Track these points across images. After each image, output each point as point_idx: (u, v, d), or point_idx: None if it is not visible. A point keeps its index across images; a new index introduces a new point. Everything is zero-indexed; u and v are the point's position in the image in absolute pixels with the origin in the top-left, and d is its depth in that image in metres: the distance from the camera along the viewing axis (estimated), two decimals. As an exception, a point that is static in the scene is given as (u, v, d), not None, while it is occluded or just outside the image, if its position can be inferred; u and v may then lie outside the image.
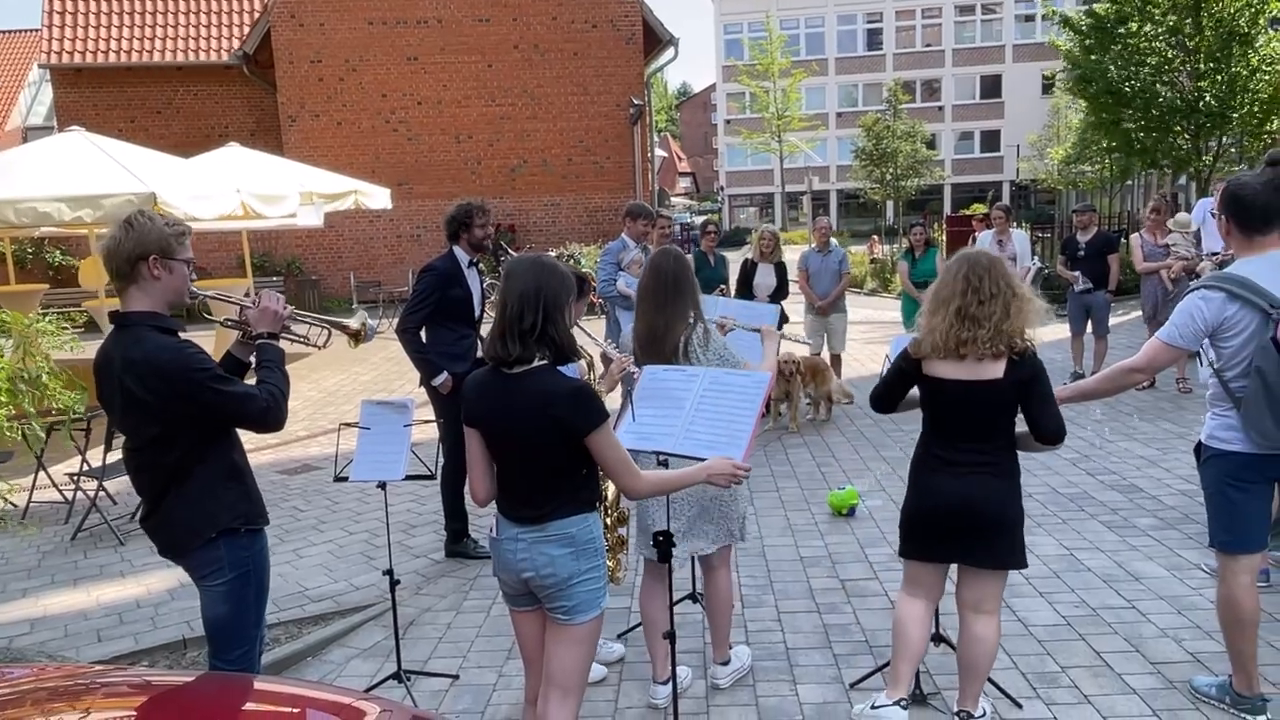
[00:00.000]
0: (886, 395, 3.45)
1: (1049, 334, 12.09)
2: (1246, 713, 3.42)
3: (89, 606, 5.07)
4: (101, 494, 6.26)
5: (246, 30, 20.76)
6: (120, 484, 6.68)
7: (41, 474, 6.45)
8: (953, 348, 3.13)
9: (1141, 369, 3.40)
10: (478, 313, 5.41)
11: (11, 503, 6.46)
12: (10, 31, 36.99)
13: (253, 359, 3.07)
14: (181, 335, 2.92)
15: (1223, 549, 3.43)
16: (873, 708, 3.39)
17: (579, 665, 2.78)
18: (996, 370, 3.12)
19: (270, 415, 2.86)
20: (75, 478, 6.27)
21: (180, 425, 2.78)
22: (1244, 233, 3.31)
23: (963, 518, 3.21)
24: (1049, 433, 3.20)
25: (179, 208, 8.11)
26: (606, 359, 3.75)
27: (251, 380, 2.99)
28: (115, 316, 2.86)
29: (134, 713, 2.16)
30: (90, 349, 7.13)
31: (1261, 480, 3.35)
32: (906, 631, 3.38)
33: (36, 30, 22.62)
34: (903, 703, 3.36)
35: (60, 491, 6.51)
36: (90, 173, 8.28)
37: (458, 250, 5.29)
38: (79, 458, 6.28)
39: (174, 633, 4.67)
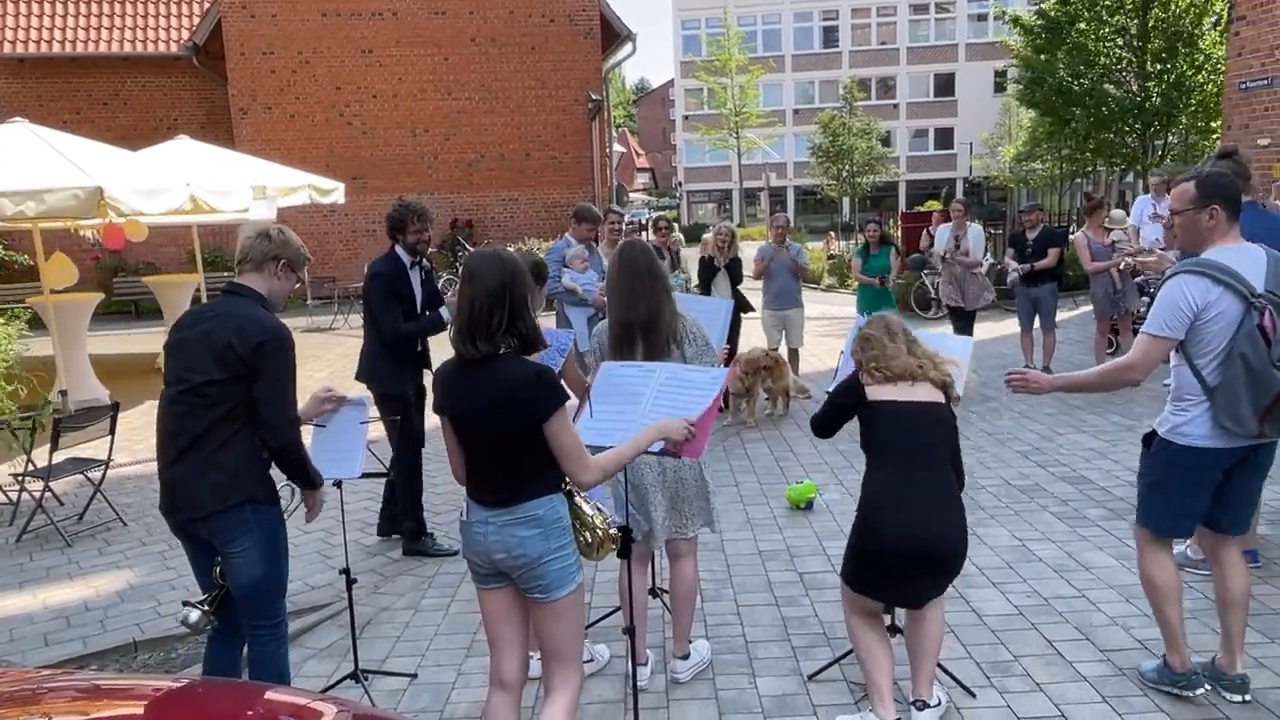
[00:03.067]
0: (828, 420, 3.58)
1: (999, 329, 12.36)
2: (1183, 688, 3.51)
3: (35, 610, 4.96)
4: (48, 495, 6.12)
5: (196, 20, 20.37)
6: (67, 484, 6.55)
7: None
8: (903, 373, 3.30)
9: (1136, 366, 3.36)
10: (420, 311, 5.32)
11: (-47, 504, 6.31)
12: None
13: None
14: None
15: (1155, 532, 3.51)
16: None
17: (567, 636, 2.84)
18: (939, 396, 3.33)
19: (289, 446, 3.18)
20: (20, 478, 6.12)
21: (240, 384, 3.05)
22: (1231, 220, 3.32)
23: (929, 558, 3.25)
24: (959, 475, 3.41)
25: (126, 202, 7.93)
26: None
27: None
28: (230, 285, 3.27)
29: (83, 718, 2.12)
30: (39, 347, 7.01)
31: (1214, 478, 3.38)
32: (873, 651, 3.39)
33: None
34: None
35: (4, 492, 6.36)
36: (34, 166, 8.06)
37: (399, 249, 5.23)
38: (24, 458, 6.14)
39: (124, 635, 4.59)
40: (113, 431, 6.39)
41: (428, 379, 5.47)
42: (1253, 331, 3.15)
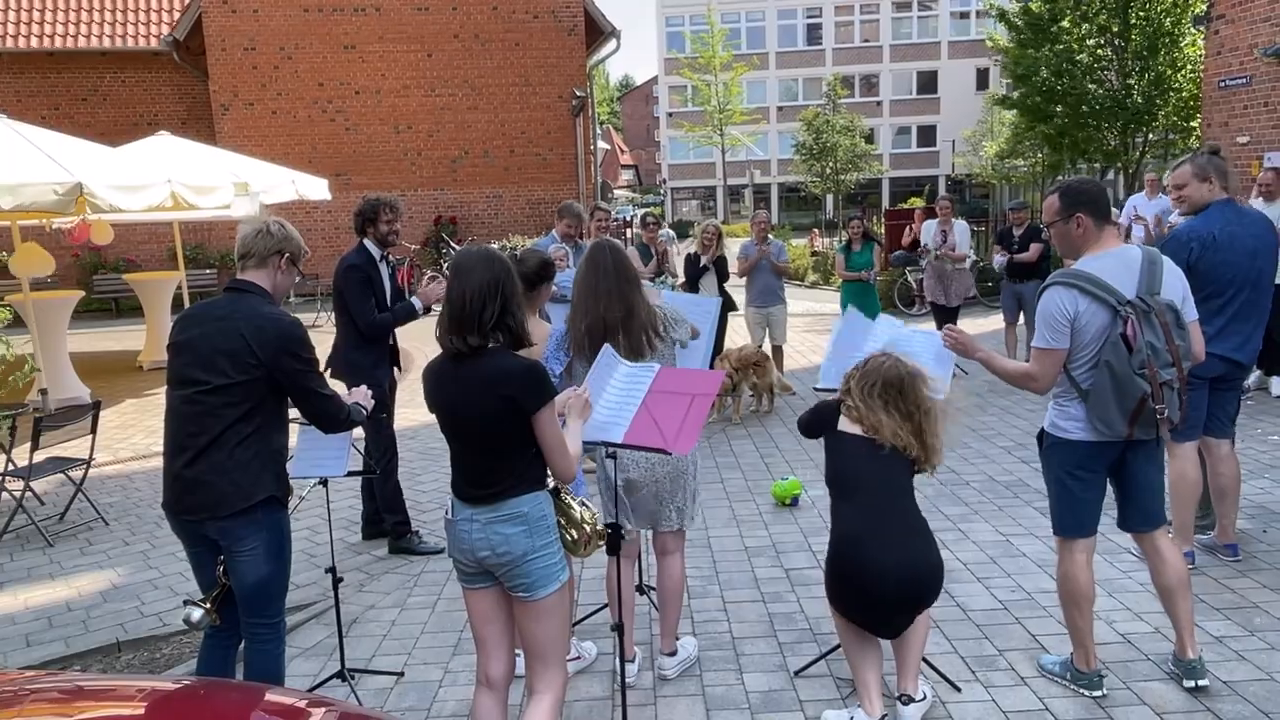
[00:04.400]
0: (810, 429, 3.59)
1: (982, 325, 12.43)
2: (1084, 687, 3.58)
3: (16, 610, 4.92)
4: (28, 494, 6.07)
5: (177, 15, 20.22)
6: (48, 484, 6.50)
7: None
8: (886, 434, 3.31)
9: (1035, 376, 3.45)
10: (389, 304, 5.32)
11: (-69, 504, 6.25)
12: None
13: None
14: None
15: (1062, 534, 3.59)
16: None
17: (551, 636, 2.83)
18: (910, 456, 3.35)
19: (340, 419, 3.32)
20: (0, 478, 6.07)
21: (258, 385, 3.06)
22: (1099, 226, 3.40)
23: (914, 597, 3.29)
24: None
25: (105, 199, 7.86)
26: None
27: None
28: (234, 282, 3.23)
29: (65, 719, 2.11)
30: (18, 345, 6.95)
31: (1099, 470, 3.50)
32: (860, 649, 3.41)
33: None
34: (886, 719, 3.37)
35: (-17, 492, 6.30)
36: (11, 160, 7.98)
37: (368, 243, 5.23)
38: (2, 457, 6.08)
39: (107, 635, 4.56)
40: (94, 430, 6.35)
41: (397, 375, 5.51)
42: (1116, 340, 3.25)
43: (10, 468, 6.03)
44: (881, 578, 3.21)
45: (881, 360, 3.39)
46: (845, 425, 3.36)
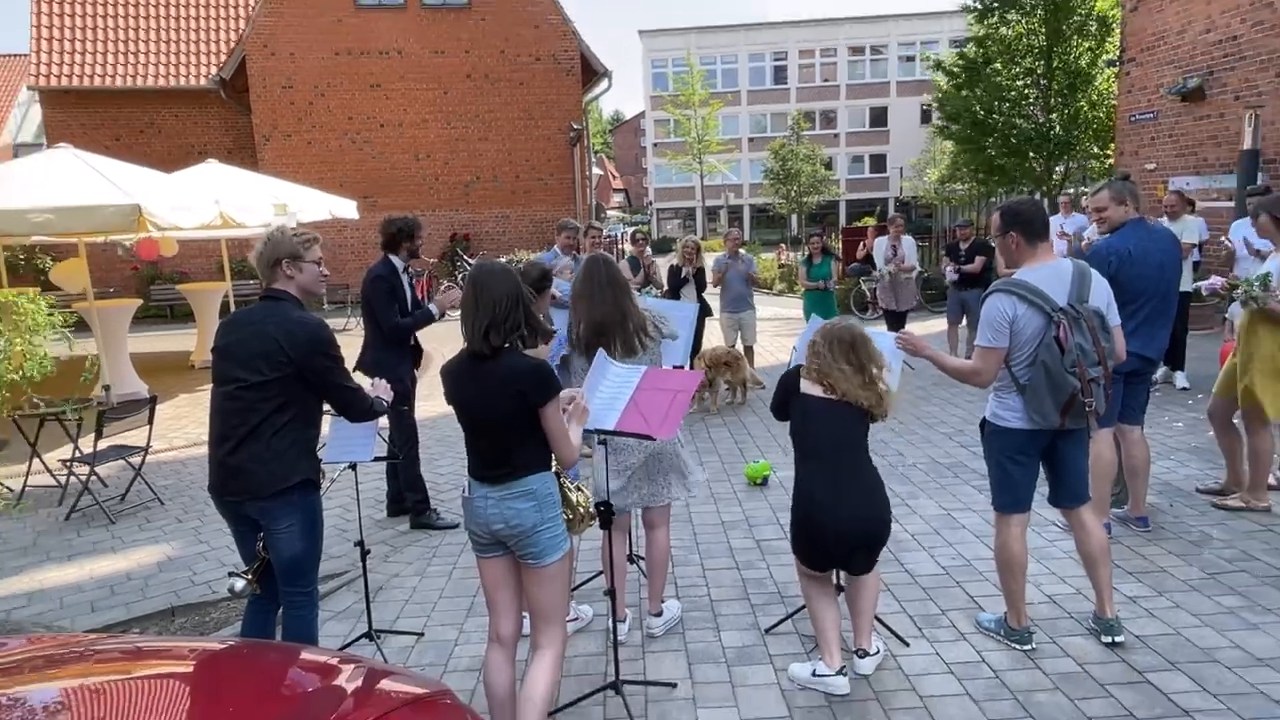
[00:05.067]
0: (780, 405, 3.51)
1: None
2: (1016, 642, 3.61)
3: (82, 580, 4.89)
4: (93, 478, 6.03)
5: (223, 57, 20.09)
6: (110, 468, 6.45)
7: (36, 460, 6.20)
8: (843, 390, 3.27)
9: (979, 372, 3.46)
10: (410, 310, 5.29)
11: (7, 487, 6.21)
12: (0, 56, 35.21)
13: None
14: None
15: (999, 509, 3.61)
16: (815, 675, 3.39)
17: (555, 598, 2.84)
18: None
19: (364, 409, 3.31)
20: (69, 464, 6.03)
21: (291, 381, 3.04)
22: (1030, 243, 3.42)
23: (867, 540, 3.30)
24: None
25: (162, 217, 7.80)
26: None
27: None
28: (268, 291, 3.19)
29: (126, 676, 2.09)
30: (81, 347, 6.88)
31: (1033, 454, 3.51)
32: (824, 611, 3.42)
33: (25, 55, 21.52)
34: (844, 671, 3.37)
35: (54, 476, 6.26)
36: (78, 186, 7.92)
37: (394, 257, 5.21)
38: (70, 445, 6.04)
39: (163, 602, 4.54)
40: (151, 421, 6.30)
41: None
42: (1050, 342, 3.28)
43: (78, 454, 6.00)
44: (838, 521, 3.24)
45: (838, 323, 3.42)
46: (806, 387, 3.34)
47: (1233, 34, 11.26)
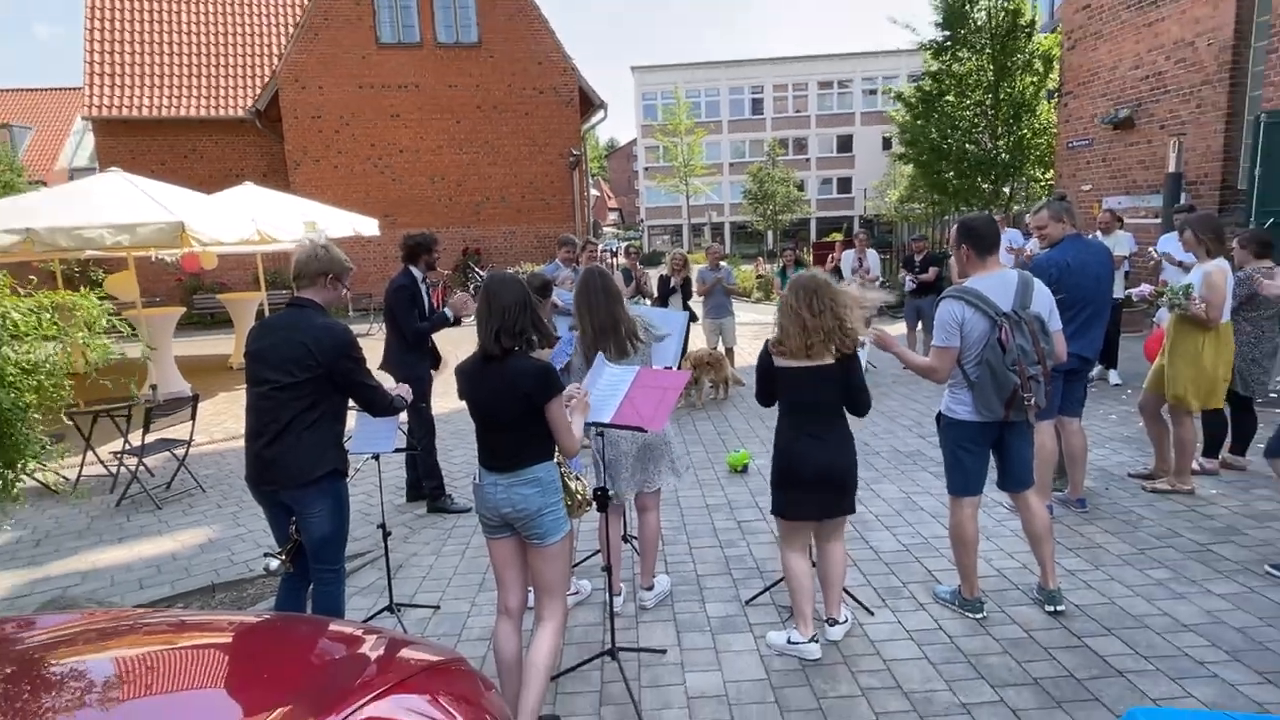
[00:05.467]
0: (763, 391, 3.45)
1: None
2: (969, 611, 3.63)
3: (131, 560, 4.86)
4: (141, 468, 6.00)
5: (258, 91, 20.00)
6: (157, 460, 6.41)
7: (90, 453, 6.16)
8: (803, 349, 3.21)
9: (936, 369, 3.46)
10: (427, 316, 5.26)
11: (64, 476, 6.17)
12: (57, 89, 35.03)
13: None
14: None
15: (953, 493, 3.61)
16: (790, 642, 3.38)
17: (556, 574, 2.84)
18: (829, 359, 3.23)
19: (385, 405, 3.31)
20: (119, 455, 6.00)
21: (320, 381, 3.02)
22: (979, 256, 3.43)
23: (828, 476, 3.28)
24: (862, 408, 3.32)
25: (204, 233, 7.77)
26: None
27: None
28: (295, 299, 3.17)
29: (171, 646, 2.07)
30: (131, 351, 6.84)
31: (983, 444, 3.51)
32: (801, 584, 3.40)
33: (79, 88, 21.39)
34: (815, 638, 3.38)
35: (106, 467, 6.23)
36: (128, 206, 7.88)
37: (414, 269, 5.18)
38: (121, 439, 6.01)
39: (204, 580, 4.52)
40: (193, 417, 6.28)
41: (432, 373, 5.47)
42: (994, 343, 3.29)
43: (128, 447, 5.97)
44: (816, 466, 3.26)
45: (802, 274, 3.39)
46: (780, 363, 3.30)
47: (1158, 70, 11.33)
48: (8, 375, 3.08)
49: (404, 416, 4.15)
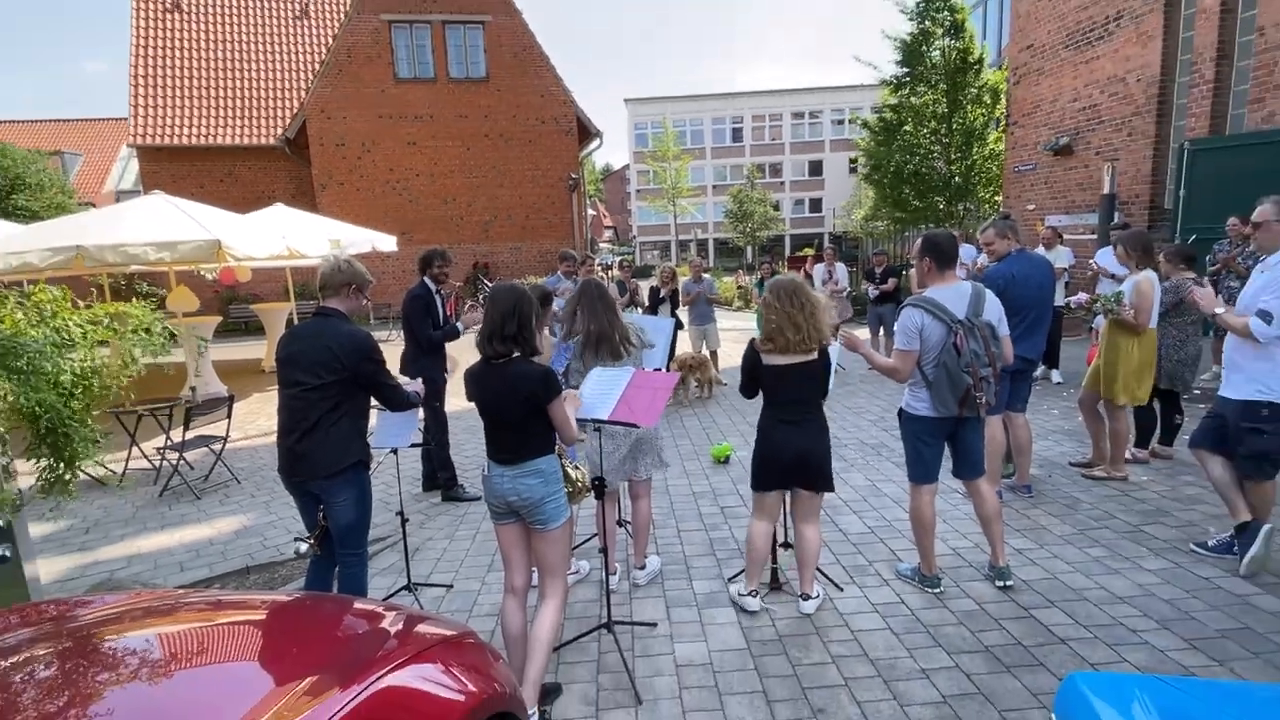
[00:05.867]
0: (748, 385, 3.46)
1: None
2: (928, 586, 3.65)
3: (173, 545, 4.83)
4: (182, 462, 5.96)
5: (287, 121, 19.93)
6: (196, 455, 6.36)
7: (135, 449, 6.11)
8: (787, 347, 3.23)
9: (898, 369, 3.46)
10: (441, 324, 5.25)
11: (111, 470, 6.12)
12: (104, 119, 34.80)
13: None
14: None
15: (913, 481, 3.62)
16: (739, 593, 3.51)
17: (558, 556, 2.82)
18: (812, 355, 3.26)
19: (404, 402, 3.30)
20: (162, 450, 5.96)
21: (345, 383, 3.02)
22: (939, 268, 3.44)
23: (801, 458, 3.31)
24: (826, 395, 3.38)
25: (238, 249, 7.72)
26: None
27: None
28: (320, 308, 3.15)
29: (210, 623, 2.06)
30: (174, 356, 6.79)
31: (939, 437, 3.52)
32: (756, 544, 3.48)
33: (124, 119, 21.25)
34: (755, 592, 3.48)
35: (150, 461, 6.19)
36: (169, 225, 7.84)
37: (427, 280, 5.17)
38: (163, 435, 5.96)
39: (239, 562, 4.49)
40: (229, 416, 6.24)
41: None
42: (950, 347, 3.31)
43: (169, 443, 5.93)
44: (788, 448, 3.30)
45: (781, 277, 3.40)
46: (767, 360, 3.31)
47: (1094, 103, 11.42)
48: (64, 383, 3.06)
49: (421, 414, 4.14)
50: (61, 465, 3.52)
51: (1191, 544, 3.97)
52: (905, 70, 17.03)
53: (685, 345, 9.26)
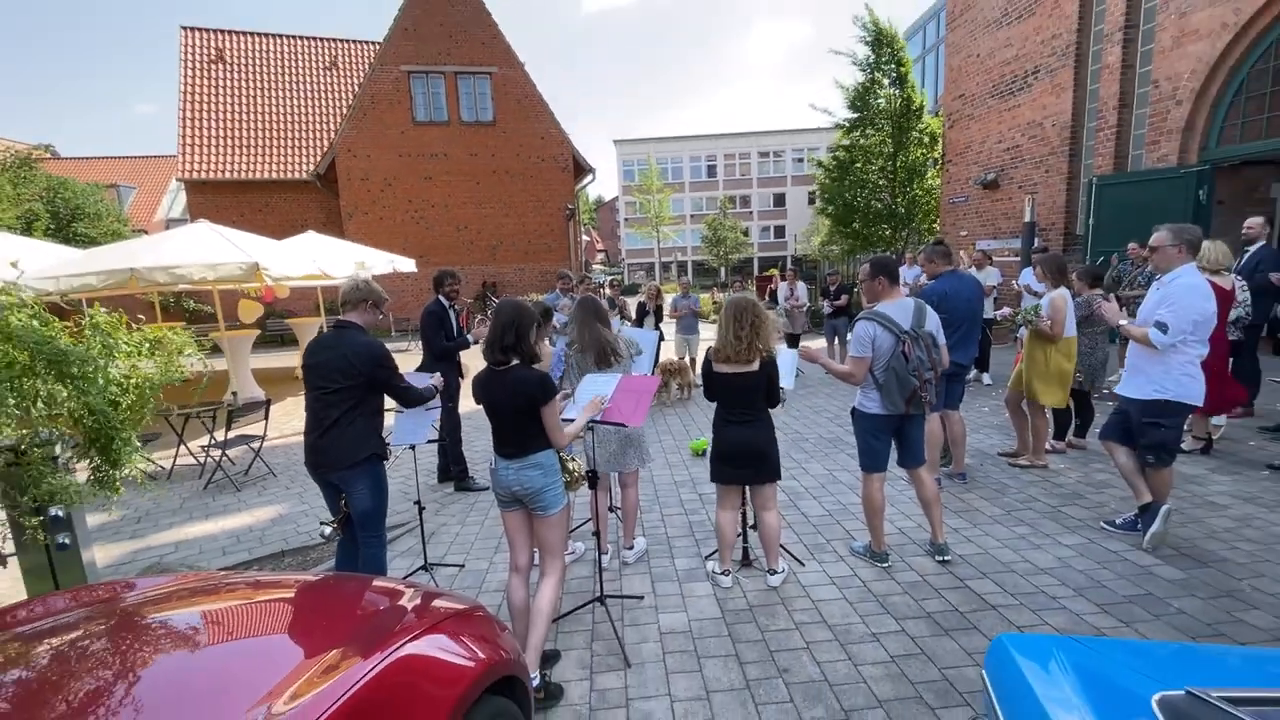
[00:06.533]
0: (707, 389, 3.47)
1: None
2: (878, 561, 3.65)
3: (216, 532, 4.75)
4: (224, 459, 5.87)
5: (318, 158, 19.80)
6: (237, 452, 6.28)
7: (182, 447, 6.01)
8: (733, 357, 3.25)
9: (853, 374, 3.47)
10: (454, 336, 5.22)
11: (160, 466, 6.02)
12: (155, 156, 34.38)
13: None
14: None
15: (865, 470, 3.62)
16: (713, 571, 3.52)
17: (556, 538, 2.80)
18: (755, 366, 3.27)
19: (417, 399, 3.25)
20: (206, 448, 5.87)
21: (361, 386, 3.00)
22: (891, 285, 3.48)
23: (747, 451, 3.32)
24: (774, 401, 3.35)
25: (274, 270, 7.64)
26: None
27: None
28: (339, 321, 3.12)
29: (249, 601, 2.03)
30: (214, 365, 6.71)
31: (888, 431, 3.53)
32: (724, 531, 3.48)
33: (173, 156, 21.02)
34: (727, 571, 3.48)
35: (195, 458, 6.09)
36: (213, 249, 7.74)
37: (441, 297, 5.14)
38: (207, 435, 5.87)
39: (275, 547, 4.43)
40: (266, 417, 6.17)
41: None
42: (898, 355, 3.34)
43: (213, 441, 5.84)
44: (737, 443, 3.30)
45: (737, 295, 3.39)
46: (718, 368, 3.33)
47: (1016, 144, 11.60)
48: (111, 393, 3.02)
49: (437, 414, 4.10)
50: (108, 466, 3.46)
51: (1102, 522, 4.02)
52: (856, 115, 17.21)
53: (668, 353, 9.27)
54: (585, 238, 44.52)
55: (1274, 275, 4.63)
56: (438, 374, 3.65)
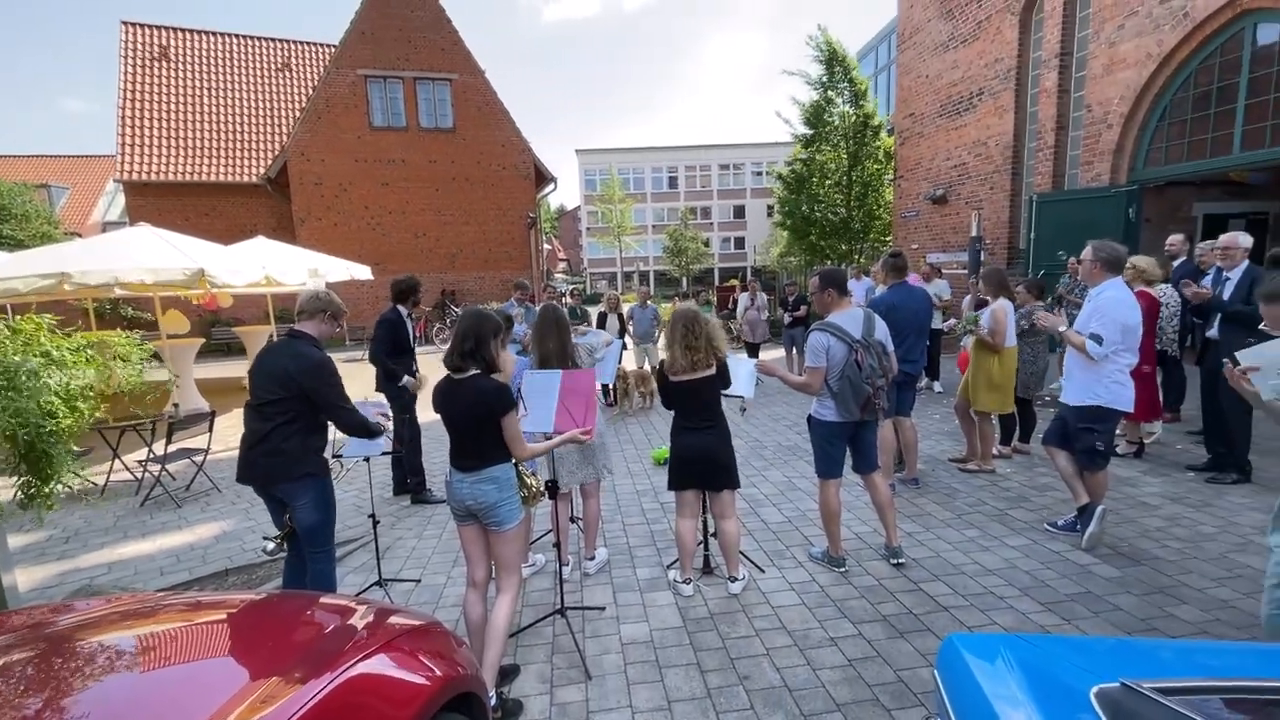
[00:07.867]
0: (663, 399, 3.49)
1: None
2: (835, 566, 3.71)
3: (154, 551, 4.50)
4: (164, 473, 5.58)
5: (270, 161, 19.17)
6: (178, 466, 5.98)
7: (117, 461, 5.69)
8: (689, 367, 3.29)
9: (809, 385, 3.51)
10: (412, 345, 5.13)
11: (92, 482, 5.69)
12: (90, 156, 32.72)
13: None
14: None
15: (821, 476, 3.68)
16: (674, 580, 3.52)
17: (513, 554, 2.76)
18: (711, 371, 3.31)
19: (355, 425, 3.00)
20: (144, 463, 5.57)
21: (297, 399, 2.87)
22: (840, 296, 3.55)
23: (705, 457, 3.35)
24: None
25: (219, 277, 7.34)
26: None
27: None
28: (292, 330, 3.00)
29: (188, 623, 1.93)
30: (154, 374, 6.39)
31: (842, 438, 3.60)
32: (684, 539, 3.49)
33: (110, 155, 20.05)
34: (688, 579, 3.48)
35: (131, 473, 5.77)
36: (154, 253, 7.39)
37: (400, 307, 5.03)
38: (145, 449, 5.57)
39: (219, 565, 4.23)
40: (210, 430, 5.90)
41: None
42: (852, 363, 3.42)
43: (152, 455, 5.55)
44: (694, 449, 3.33)
45: (682, 306, 3.42)
46: (672, 377, 3.36)
47: (962, 162, 12.10)
48: (47, 405, 2.84)
49: (392, 427, 4.00)
50: (39, 482, 3.25)
51: (1045, 524, 4.17)
52: (811, 131, 17.66)
53: (629, 363, 9.28)
54: (547, 246, 44.28)
55: (1183, 282, 4.96)
56: (384, 406, 3.51)
